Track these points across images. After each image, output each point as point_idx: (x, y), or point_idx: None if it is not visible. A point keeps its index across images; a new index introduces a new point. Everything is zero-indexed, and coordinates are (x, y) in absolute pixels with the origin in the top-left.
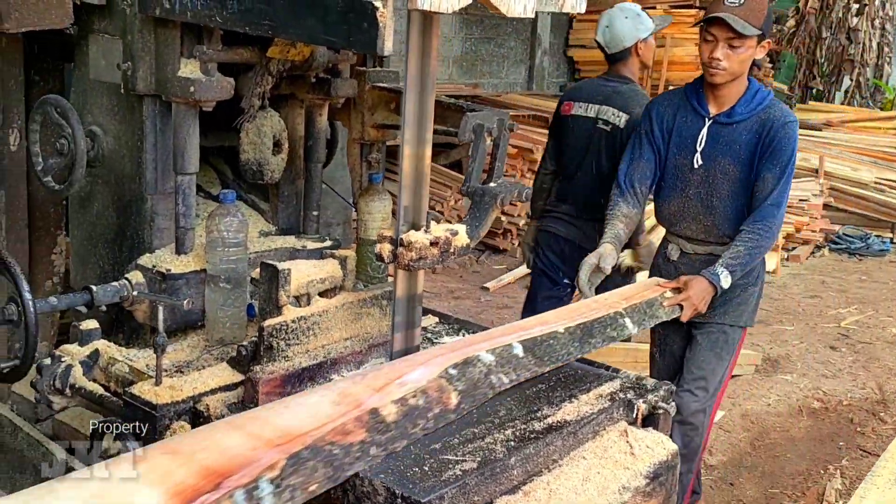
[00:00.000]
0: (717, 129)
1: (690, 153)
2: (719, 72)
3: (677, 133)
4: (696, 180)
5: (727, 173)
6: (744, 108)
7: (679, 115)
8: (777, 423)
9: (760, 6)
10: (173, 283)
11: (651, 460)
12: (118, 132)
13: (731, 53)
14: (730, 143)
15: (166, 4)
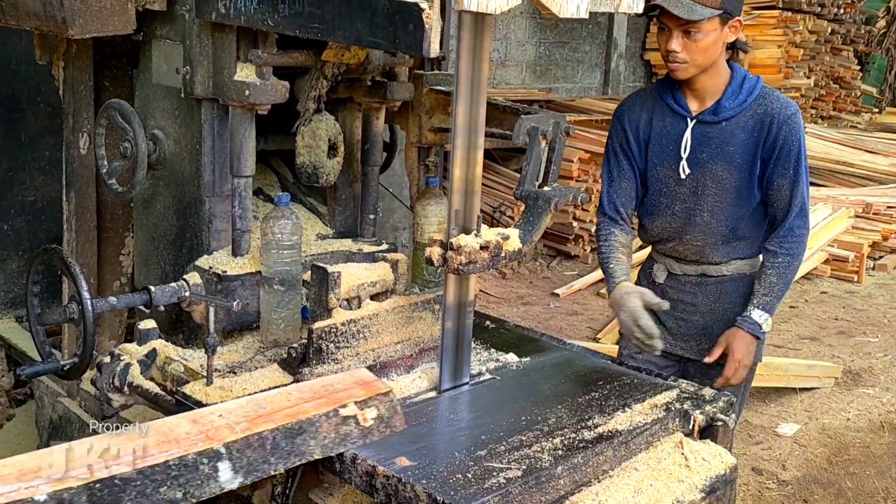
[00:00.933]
0: (703, 130)
1: (675, 162)
2: (679, 65)
3: (656, 140)
4: (683, 193)
5: (720, 181)
6: (732, 102)
7: (655, 119)
8: (857, 438)
9: None
10: (229, 285)
11: (707, 473)
12: (178, 135)
13: (689, 42)
14: (721, 144)
15: (222, 9)
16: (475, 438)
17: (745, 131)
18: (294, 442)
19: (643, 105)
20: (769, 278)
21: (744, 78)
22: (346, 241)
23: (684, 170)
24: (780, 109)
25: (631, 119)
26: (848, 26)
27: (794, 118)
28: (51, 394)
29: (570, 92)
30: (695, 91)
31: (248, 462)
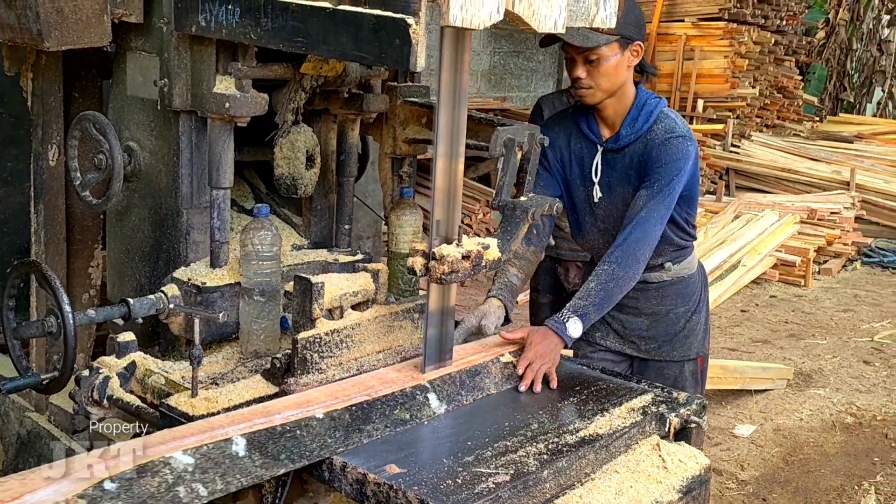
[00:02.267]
0: (610, 157)
1: (589, 185)
2: (586, 90)
3: (575, 163)
4: (600, 214)
5: (628, 201)
6: (628, 131)
7: (573, 142)
8: (810, 438)
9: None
10: (208, 296)
11: (684, 474)
12: (154, 147)
13: (592, 69)
14: (625, 169)
15: (202, 22)
16: (461, 445)
17: (637, 154)
18: (475, 380)
19: (563, 126)
20: (590, 283)
21: (644, 104)
22: (322, 252)
23: (597, 193)
24: (663, 133)
25: (552, 138)
26: (790, 37)
27: (673, 141)
28: (17, 409)
29: (524, 101)
30: (604, 117)
31: (447, 394)
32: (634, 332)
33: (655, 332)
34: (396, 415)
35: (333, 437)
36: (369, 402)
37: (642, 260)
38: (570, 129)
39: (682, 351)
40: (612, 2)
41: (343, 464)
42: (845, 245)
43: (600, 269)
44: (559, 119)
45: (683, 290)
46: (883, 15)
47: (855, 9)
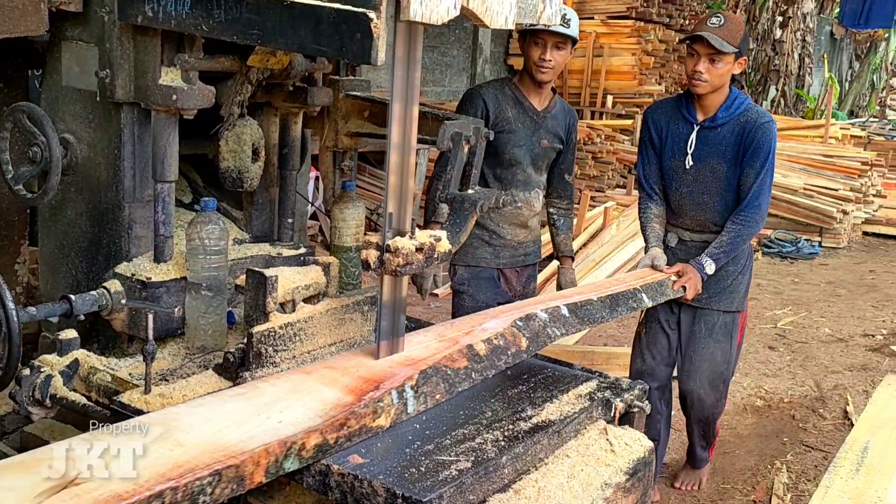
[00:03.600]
0: (704, 134)
1: (682, 156)
2: (701, 83)
3: (671, 138)
4: (688, 180)
5: (715, 172)
6: (724, 114)
7: (671, 122)
8: (725, 421)
9: (738, 29)
10: (154, 292)
11: (630, 457)
12: (93, 140)
13: (712, 67)
14: (716, 144)
15: (149, 13)
16: (420, 434)
17: (732, 135)
18: (636, 297)
19: (664, 111)
20: (723, 238)
21: (735, 97)
22: (265, 246)
23: (689, 163)
24: (757, 118)
25: (654, 120)
26: None
27: (766, 125)
28: None
29: (438, 95)
30: (703, 105)
31: (652, 295)
32: None
33: (710, 283)
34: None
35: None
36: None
37: (760, 221)
38: (669, 112)
39: (726, 304)
40: (557, 1)
41: None
42: None
43: (730, 227)
44: (663, 104)
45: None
46: (777, 17)
47: (751, 10)
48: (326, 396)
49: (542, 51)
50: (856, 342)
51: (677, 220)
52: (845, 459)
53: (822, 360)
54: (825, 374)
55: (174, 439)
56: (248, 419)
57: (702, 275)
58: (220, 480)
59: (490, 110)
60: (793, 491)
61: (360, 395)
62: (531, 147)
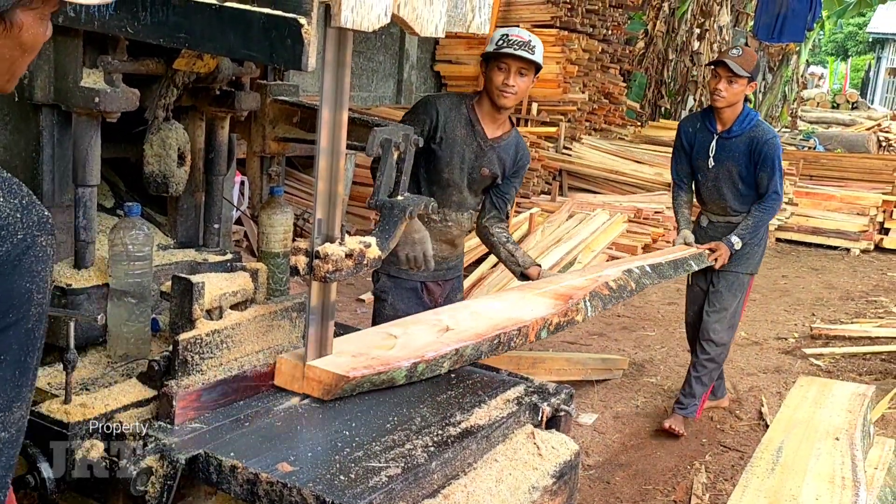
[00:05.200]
0: (722, 142)
1: (706, 158)
2: (720, 98)
3: (697, 144)
4: (711, 176)
5: (730, 171)
6: (738, 127)
7: (698, 132)
8: (646, 423)
9: (752, 59)
10: (74, 298)
11: (557, 460)
12: (10, 142)
13: (729, 87)
14: (731, 151)
15: (70, 13)
16: (349, 440)
17: (743, 144)
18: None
19: (693, 122)
20: (748, 221)
21: (747, 114)
22: (190, 252)
23: (710, 163)
24: (763, 135)
25: (686, 130)
26: (615, 46)
27: (771, 140)
28: None
29: (365, 101)
30: (722, 118)
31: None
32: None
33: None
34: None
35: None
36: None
37: (777, 207)
38: (696, 124)
39: (743, 267)
40: (485, 10)
41: (232, 465)
42: (668, 242)
43: (754, 213)
44: (693, 117)
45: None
46: (694, 28)
47: (670, 21)
48: (543, 303)
49: (506, 76)
50: (770, 345)
51: (705, 207)
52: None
53: (738, 363)
54: (741, 377)
55: (486, 316)
56: (513, 308)
57: (731, 250)
58: (518, 334)
59: (439, 121)
60: (711, 491)
61: (566, 301)
62: (470, 171)
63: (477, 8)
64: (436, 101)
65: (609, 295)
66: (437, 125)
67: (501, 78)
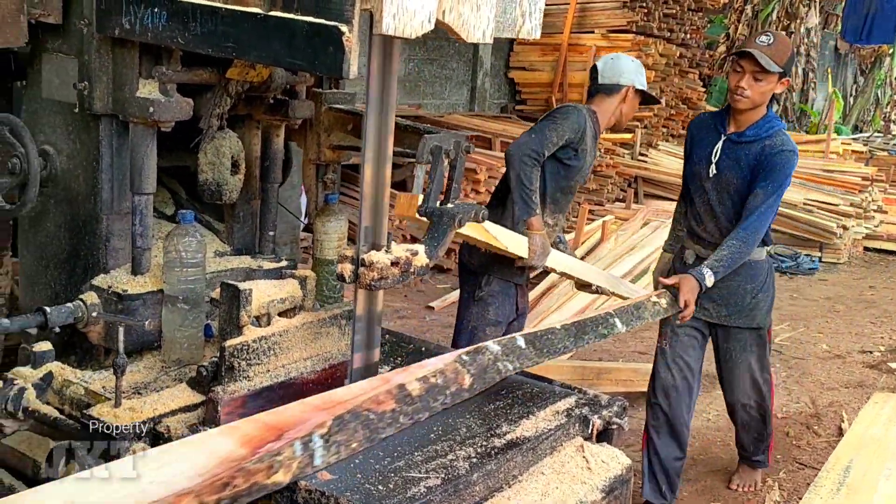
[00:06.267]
0: (728, 146)
1: (707, 164)
2: (743, 99)
3: (700, 146)
4: (709, 188)
5: (729, 185)
6: (753, 132)
7: (704, 131)
8: (717, 437)
9: (785, 49)
10: (130, 304)
11: (606, 475)
12: (72, 151)
13: (755, 84)
14: (736, 159)
15: (126, 25)
16: (391, 449)
17: (753, 154)
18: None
19: (704, 121)
20: (722, 252)
21: (770, 119)
22: (245, 258)
23: (712, 171)
24: (780, 145)
25: (692, 129)
26: (694, 51)
27: (786, 154)
28: None
29: (438, 108)
30: (737, 120)
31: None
32: (710, 300)
33: (727, 302)
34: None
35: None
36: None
37: (757, 240)
38: (706, 123)
39: (747, 321)
40: (536, 15)
41: None
42: None
43: (730, 243)
44: (706, 115)
45: (751, 271)
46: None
47: (753, 24)
48: (218, 447)
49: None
50: (853, 359)
51: (695, 232)
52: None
53: (818, 377)
54: (821, 391)
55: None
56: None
57: (701, 285)
58: None
59: (587, 132)
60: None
61: (256, 446)
62: (584, 177)
63: (527, 13)
64: (579, 110)
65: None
66: (584, 135)
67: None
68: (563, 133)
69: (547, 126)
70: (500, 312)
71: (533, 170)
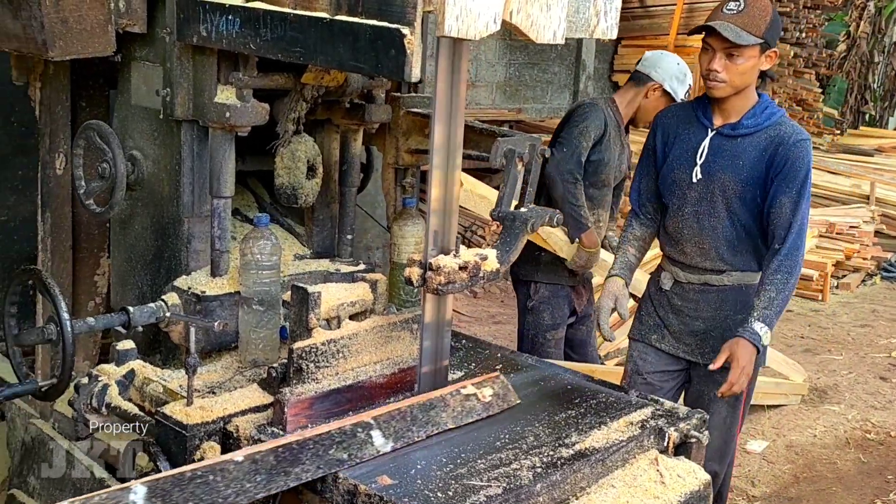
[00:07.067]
0: (719, 142)
1: (690, 167)
2: (718, 84)
3: (679, 145)
4: (693, 197)
5: (726, 190)
6: (751, 121)
7: (682, 126)
8: (823, 455)
9: (762, 13)
10: (208, 305)
11: (682, 490)
12: (157, 156)
13: (730, 64)
14: (732, 157)
15: (203, 32)
16: (455, 456)
17: (756, 150)
18: (428, 414)
19: (677, 114)
20: (769, 293)
21: (767, 105)
22: (324, 262)
23: (696, 175)
24: (792, 134)
25: (663, 125)
26: (810, 50)
27: (803, 143)
28: (23, 415)
29: (539, 112)
30: (723, 109)
31: (394, 430)
32: (690, 334)
33: (711, 336)
34: (332, 455)
35: (253, 482)
36: (300, 443)
37: (802, 261)
38: (682, 116)
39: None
40: (612, 14)
41: (335, 475)
42: (864, 259)
43: (774, 278)
44: (677, 108)
45: (743, 298)
46: None
47: (877, 21)
48: None
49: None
50: None
51: (675, 252)
52: None
53: None
54: None
55: None
56: None
57: (758, 347)
58: None
59: (609, 124)
60: None
61: None
62: (617, 171)
63: (602, 12)
64: (596, 103)
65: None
66: (606, 127)
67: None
68: (589, 134)
69: (573, 134)
70: (555, 316)
71: (576, 186)
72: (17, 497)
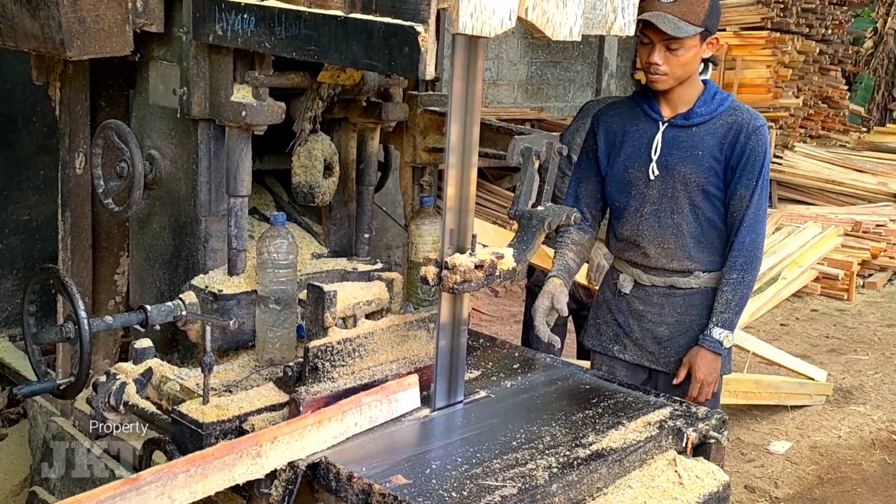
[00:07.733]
0: (673, 134)
1: (645, 164)
2: (660, 77)
3: (629, 143)
4: (652, 195)
5: (688, 183)
6: (703, 109)
7: (629, 124)
8: (848, 456)
9: (699, 0)
10: (225, 304)
11: (700, 491)
12: (175, 155)
13: (671, 56)
14: (690, 147)
15: (219, 31)
16: (470, 456)
17: (714, 137)
18: None
19: (619, 112)
20: (725, 295)
21: (716, 91)
22: (341, 260)
23: (653, 171)
24: (750, 120)
25: (605, 123)
26: (836, 46)
27: (761, 130)
28: (44, 413)
29: (561, 111)
30: (669, 100)
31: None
32: (654, 341)
33: (676, 342)
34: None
35: None
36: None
37: (761, 257)
38: (626, 113)
39: None
40: (630, 11)
41: (350, 473)
42: (891, 258)
43: (730, 278)
44: (615, 105)
45: (710, 302)
46: None
47: None
48: None
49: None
50: None
51: (634, 255)
52: None
53: None
54: None
55: None
56: None
57: (719, 353)
58: None
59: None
60: None
61: None
62: None
63: (619, 8)
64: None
65: None
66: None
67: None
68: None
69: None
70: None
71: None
72: (38, 494)
